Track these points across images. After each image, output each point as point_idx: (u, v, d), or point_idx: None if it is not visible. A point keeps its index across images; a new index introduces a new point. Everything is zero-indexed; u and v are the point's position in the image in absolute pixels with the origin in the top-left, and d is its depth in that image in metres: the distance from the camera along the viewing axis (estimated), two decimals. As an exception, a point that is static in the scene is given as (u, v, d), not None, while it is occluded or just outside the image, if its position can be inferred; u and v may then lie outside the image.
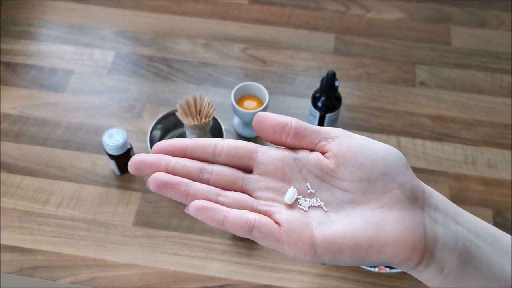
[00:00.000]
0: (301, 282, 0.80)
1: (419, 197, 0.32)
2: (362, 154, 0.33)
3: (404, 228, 0.31)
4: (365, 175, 0.32)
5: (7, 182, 0.89)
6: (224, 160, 0.34)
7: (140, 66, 1.06)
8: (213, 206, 0.31)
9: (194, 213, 0.31)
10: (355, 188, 0.32)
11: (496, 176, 0.92)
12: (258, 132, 0.35)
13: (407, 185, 0.32)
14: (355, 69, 1.07)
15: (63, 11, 1.15)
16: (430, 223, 0.32)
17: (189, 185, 0.32)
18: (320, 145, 0.34)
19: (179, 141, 0.34)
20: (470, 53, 1.09)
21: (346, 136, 0.34)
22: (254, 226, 0.31)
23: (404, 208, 0.32)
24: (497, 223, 0.86)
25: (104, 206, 0.87)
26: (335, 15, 1.16)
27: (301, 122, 0.35)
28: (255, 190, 0.33)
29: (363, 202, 0.32)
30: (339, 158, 0.33)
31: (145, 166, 0.32)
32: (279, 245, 0.31)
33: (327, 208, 0.33)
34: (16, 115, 0.98)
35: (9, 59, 1.06)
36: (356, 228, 0.31)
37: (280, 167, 0.34)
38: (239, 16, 1.15)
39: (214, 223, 0.31)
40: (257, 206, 0.33)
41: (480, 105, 1.02)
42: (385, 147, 0.33)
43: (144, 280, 0.79)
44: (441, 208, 0.33)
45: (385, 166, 0.32)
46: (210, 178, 0.33)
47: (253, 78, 1.04)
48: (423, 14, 1.17)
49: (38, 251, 0.82)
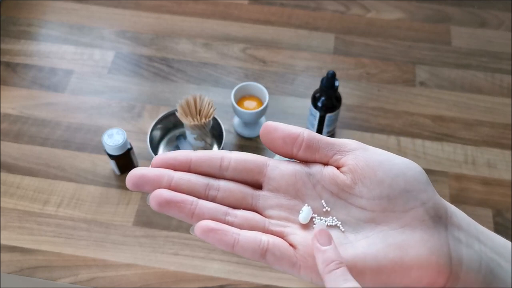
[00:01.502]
0: (301, 282, 0.80)
1: (442, 216, 0.30)
2: (381, 169, 0.30)
3: (429, 250, 0.29)
4: (384, 192, 0.30)
5: (7, 182, 0.89)
6: (231, 175, 0.31)
7: (140, 66, 1.06)
8: (222, 227, 0.29)
9: (201, 235, 0.28)
10: (374, 206, 0.30)
11: (496, 176, 0.92)
12: (266, 144, 0.32)
13: (429, 203, 0.30)
14: (355, 69, 1.07)
15: (63, 11, 1.15)
16: (454, 243, 0.30)
17: (194, 203, 0.29)
18: (334, 159, 0.32)
19: (182, 154, 0.31)
20: (470, 53, 1.09)
21: (362, 149, 0.31)
22: (268, 249, 0.29)
23: (427, 228, 0.29)
24: (497, 223, 0.86)
25: (104, 206, 0.87)
26: (335, 15, 1.16)
27: (314, 134, 0.32)
28: (266, 209, 0.31)
29: (383, 222, 0.30)
30: (356, 174, 0.30)
31: (146, 182, 0.29)
32: (294, 269, 0.29)
33: (344, 227, 0.30)
34: (16, 115, 0.98)
35: (9, 59, 1.06)
36: (377, 250, 0.29)
37: (292, 183, 0.31)
38: (239, 16, 1.15)
39: (223, 246, 0.28)
40: (269, 226, 0.30)
41: (480, 105, 1.02)
42: (406, 162, 0.31)
43: (144, 280, 0.79)
44: (463, 226, 0.31)
45: (406, 183, 0.30)
46: (217, 195, 0.31)
47: (253, 78, 1.04)
48: (423, 14, 1.17)
49: (38, 251, 0.82)
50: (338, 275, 0.27)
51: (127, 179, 0.29)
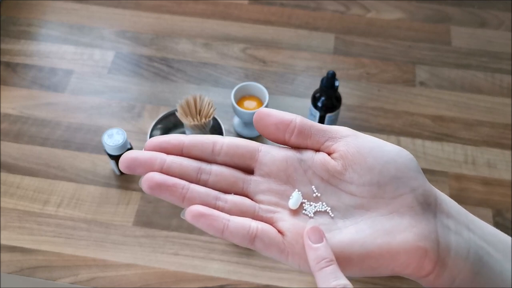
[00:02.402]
0: (301, 282, 0.80)
1: (431, 203, 0.30)
2: (372, 156, 0.30)
3: (416, 235, 0.29)
4: (374, 179, 0.30)
5: (7, 182, 0.89)
6: (223, 159, 0.31)
7: (140, 66, 1.06)
8: (212, 212, 0.29)
9: (191, 219, 0.29)
10: (364, 192, 0.30)
11: (496, 176, 0.92)
12: (259, 130, 0.32)
13: (419, 190, 0.30)
14: (355, 69, 1.07)
15: (63, 11, 1.15)
16: (443, 230, 0.30)
17: (185, 187, 0.30)
18: (326, 145, 0.32)
19: (174, 138, 0.31)
20: (470, 53, 1.09)
21: (354, 135, 0.32)
22: (257, 235, 0.29)
23: (415, 215, 0.30)
24: (497, 223, 0.86)
25: (104, 206, 0.87)
26: (335, 15, 1.16)
27: (306, 120, 0.32)
28: (256, 193, 0.31)
29: (372, 208, 0.30)
30: (347, 160, 0.31)
31: (138, 165, 0.30)
32: (282, 256, 0.29)
33: (334, 213, 0.31)
34: (16, 115, 0.98)
35: (9, 59, 1.06)
36: (364, 236, 0.29)
37: (283, 168, 0.31)
38: (239, 16, 1.15)
39: (213, 231, 0.29)
40: (259, 212, 0.30)
41: (480, 105, 1.02)
42: (396, 149, 0.31)
43: (144, 280, 0.79)
44: (453, 214, 0.31)
45: (396, 169, 0.30)
46: (209, 179, 0.31)
47: (253, 78, 1.04)
48: (423, 14, 1.17)
49: (38, 251, 0.82)
50: (329, 272, 0.28)
51: (120, 161, 0.30)
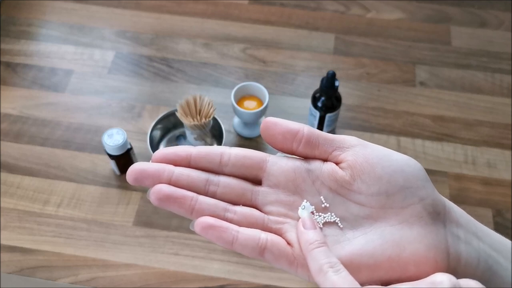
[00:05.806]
0: (301, 282, 0.80)
1: (440, 212, 0.30)
2: (380, 166, 0.30)
3: (426, 247, 0.29)
4: (383, 189, 0.30)
5: (7, 182, 0.89)
6: (231, 170, 0.31)
7: (140, 66, 1.06)
8: (221, 224, 0.29)
9: (200, 231, 0.28)
10: (373, 202, 0.30)
11: (496, 176, 0.92)
12: (266, 139, 0.32)
13: (428, 200, 0.30)
14: (355, 69, 1.07)
15: (63, 11, 1.15)
16: (453, 240, 0.30)
17: (194, 199, 0.29)
18: (334, 155, 0.32)
19: (182, 149, 0.31)
20: (470, 53, 1.09)
21: (362, 145, 0.32)
22: (266, 247, 0.29)
23: (425, 225, 0.29)
24: (497, 223, 0.86)
25: (104, 206, 0.87)
26: (335, 15, 1.16)
27: (314, 130, 0.32)
28: (265, 204, 0.31)
29: (381, 218, 0.30)
30: (355, 170, 0.30)
31: (146, 177, 0.29)
32: (292, 268, 0.29)
33: (343, 224, 0.31)
34: (16, 115, 0.98)
35: (9, 59, 1.06)
36: (374, 247, 0.29)
37: (292, 178, 0.31)
38: (239, 16, 1.15)
39: (222, 243, 0.29)
40: (268, 223, 0.30)
41: (480, 105, 1.02)
42: (405, 158, 0.31)
43: (144, 280, 0.79)
44: (462, 223, 0.31)
45: (405, 179, 0.30)
46: (217, 190, 0.31)
47: (253, 78, 1.04)
48: (423, 14, 1.17)
49: (38, 251, 0.82)
50: (320, 252, 0.28)
51: (128, 173, 0.30)
